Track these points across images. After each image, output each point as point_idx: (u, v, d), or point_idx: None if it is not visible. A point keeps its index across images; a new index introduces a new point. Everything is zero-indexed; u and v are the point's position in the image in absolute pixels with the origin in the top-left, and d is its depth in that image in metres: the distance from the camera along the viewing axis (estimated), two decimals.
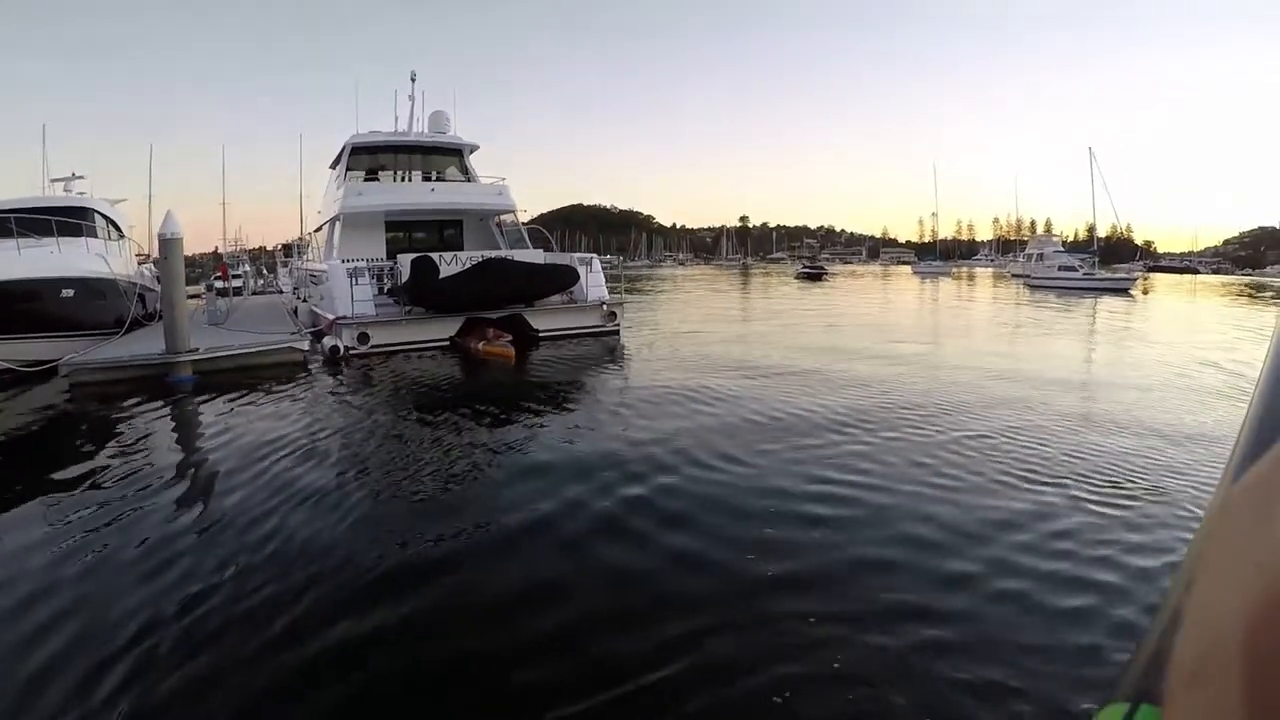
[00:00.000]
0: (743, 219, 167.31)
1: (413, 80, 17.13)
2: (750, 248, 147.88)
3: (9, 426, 7.70)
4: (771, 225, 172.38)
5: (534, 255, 13.98)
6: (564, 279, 13.09)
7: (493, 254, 13.27)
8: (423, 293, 11.93)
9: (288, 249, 45.49)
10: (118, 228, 15.76)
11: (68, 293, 11.38)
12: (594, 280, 13.85)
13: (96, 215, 14.67)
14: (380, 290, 12.50)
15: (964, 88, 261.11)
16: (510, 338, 11.77)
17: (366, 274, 12.04)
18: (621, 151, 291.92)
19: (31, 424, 7.87)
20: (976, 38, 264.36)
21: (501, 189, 16.11)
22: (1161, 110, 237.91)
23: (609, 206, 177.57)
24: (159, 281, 21.30)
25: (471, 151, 17.39)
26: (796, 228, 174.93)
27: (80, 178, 17.47)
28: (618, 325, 13.82)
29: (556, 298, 13.34)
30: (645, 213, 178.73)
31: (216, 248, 52.53)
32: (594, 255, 14.98)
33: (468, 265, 12.52)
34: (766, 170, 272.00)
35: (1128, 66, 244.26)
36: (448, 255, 12.70)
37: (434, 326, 12.19)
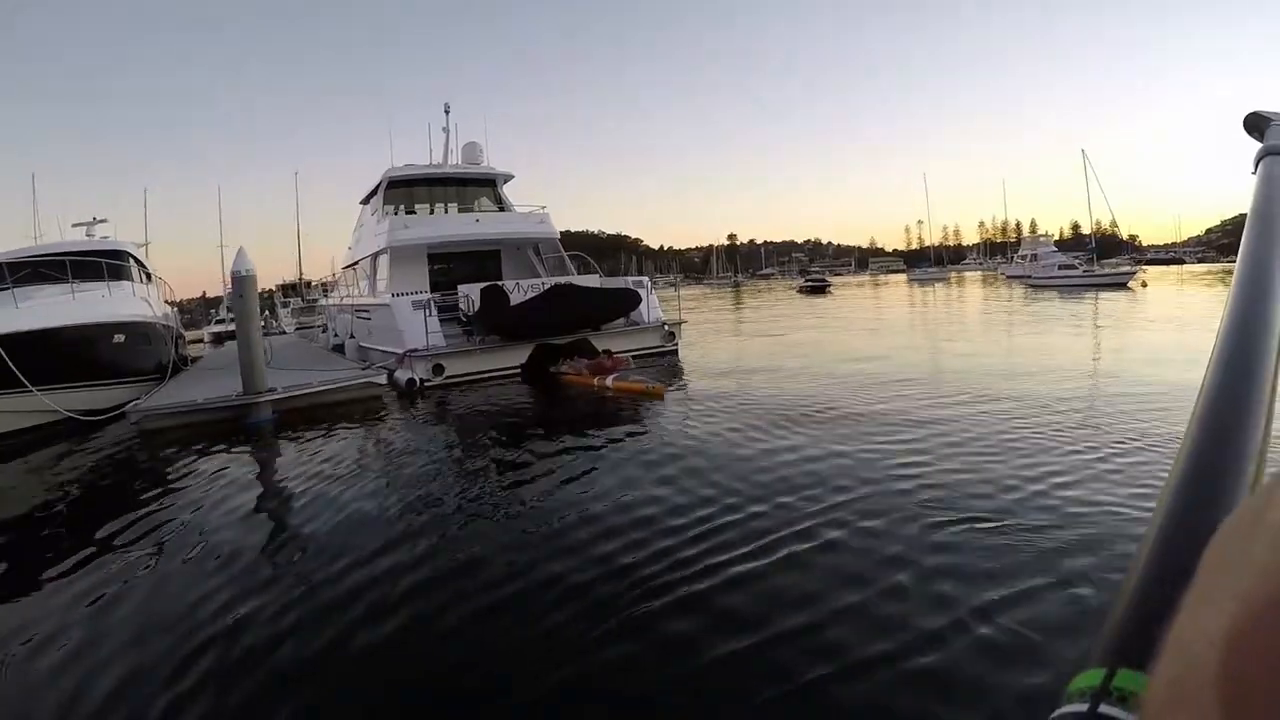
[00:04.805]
0: (731, 237, 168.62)
1: (446, 113, 17.25)
2: (739, 265, 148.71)
3: (106, 480, 7.33)
4: (759, 242, 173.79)
5: (592, 280, 14.04)
6: (628, 302, 13.24)
7: (560, 280, 13.35)
8: (497, 321, 11.91)
9: (286, 289, 45.43)
10: (146, 271, 15.61)
11: (119, 338, 11.25)
12: (653, 302, 13.93)
13: (130, 258, 14.54)
14: (443, 321, 12.44)
15: (943, 92, 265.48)
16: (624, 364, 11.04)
17: (433, 306, 11.96)
18: (608, 177, 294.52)
19: (113, 475, 7.48)
20: (955, 43, 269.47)
21: (543, 217, 16.18)
22: (1139, 101, 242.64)
23: (597, 231, 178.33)
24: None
25: (505, 181, 17.47)
26: (784, 243, 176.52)
27: (103, 221, 17.18)
28: (676, 345, 13.84)
29: (619, 320, 13.38)
30: (634, 236, 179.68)
31: (204, 292, 52.36)
32: (646, 278, 15.01)
33: (529, 293, 12.56)
34: (751, 188, 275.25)
35: (1108, 59, 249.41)
36: (509, 284, 12.73)
37: (505, 355, 12.15)
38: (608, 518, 4.69)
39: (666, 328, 13.80)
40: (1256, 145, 0.82)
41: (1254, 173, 0.77)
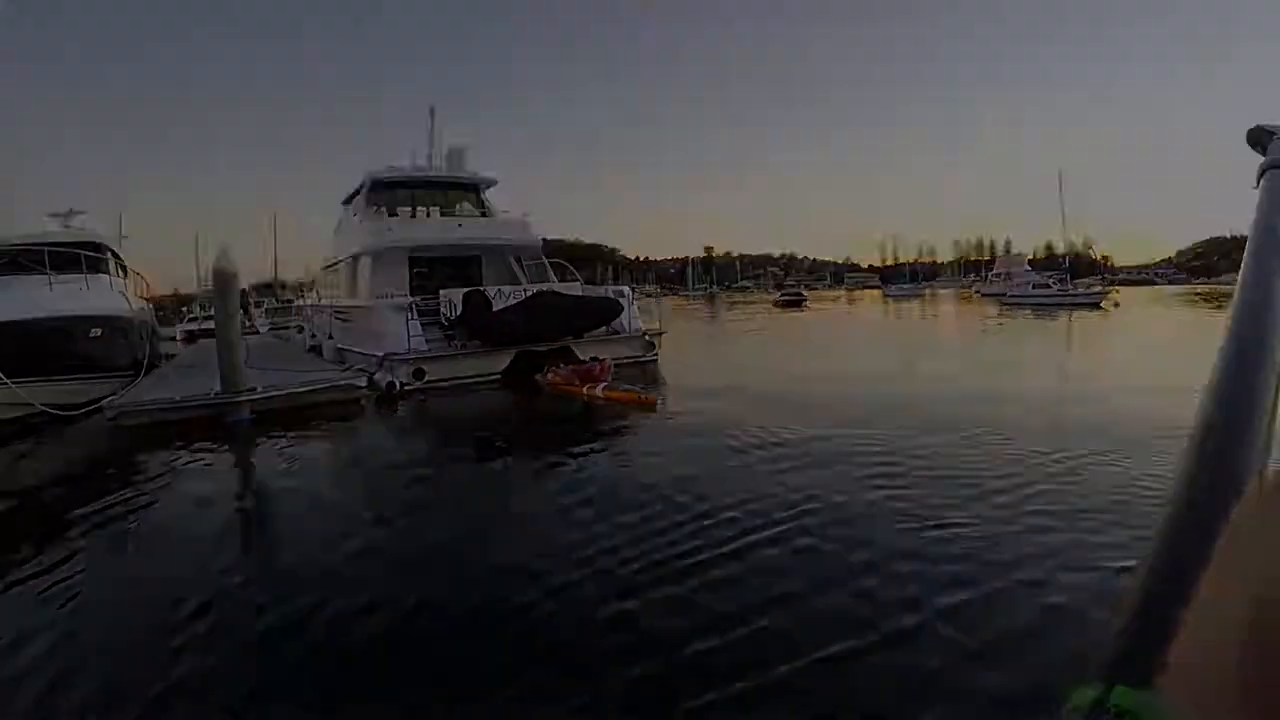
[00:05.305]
0: (708, 249, 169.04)
1: (431, 116, 17.30)
2: (715, 277, 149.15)
3: (79, 476, 7.16)
4: (735, 254, 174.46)
5: (573, 288, 14.13)
6: (610, 311, 13.31)
7: (542, 287, 13.41)
8: (479, 326, 11.93)
9: (261, 288, 45.23)
10: (124, 265, 15.38)
11: (96, 332, 11.08)
12: (633, 311, 14.05)
13: (109, 251, 14.33)
14: (424, 325, 12.44)
15: (920, 109, 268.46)
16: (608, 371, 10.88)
17: (414, 310, 11.97)
18: (586, 184, 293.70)
19: (87, 471, 7.34)
20: (934, 57, 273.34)
21: (525, 224, 16.22)
22: (1111, 124, 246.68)
23: (574, 240, 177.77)
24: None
25: (488, 186, 17.49)
26: (759, 256, 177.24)
27: (81, 213, 16.83)
28: (656, 354, 13.95)
29: (600, 329, 13.43)
30: (610, 245, 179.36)
31: (177, 289, 51.67)
32: (626, 288, 15.15)
33: (511, 299, 12.61)
34: (727, 200, 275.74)
35: (1083, 81, 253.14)
36: (491, 290, 12.77)
37: (486, 360, 12.15)
38: (596, 519, 4.77)
39: (647, 337, 13.92)
40: (1259, 160, 0.82)
41: (1256, 187, 0.78)
